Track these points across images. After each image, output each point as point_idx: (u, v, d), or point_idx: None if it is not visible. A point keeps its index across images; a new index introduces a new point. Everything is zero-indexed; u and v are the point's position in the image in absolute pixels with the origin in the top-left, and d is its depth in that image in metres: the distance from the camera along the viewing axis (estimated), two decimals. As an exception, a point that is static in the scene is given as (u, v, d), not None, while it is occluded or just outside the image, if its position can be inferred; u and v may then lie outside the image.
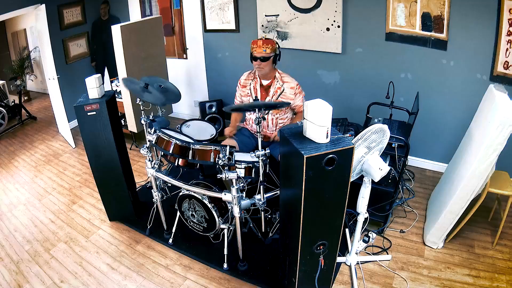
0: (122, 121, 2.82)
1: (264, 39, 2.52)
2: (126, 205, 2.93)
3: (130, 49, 3.55)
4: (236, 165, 2.23)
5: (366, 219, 2.21)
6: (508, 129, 1.96)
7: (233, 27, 4.02)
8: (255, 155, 2.12)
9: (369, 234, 2.49)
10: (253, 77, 2.75)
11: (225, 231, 2.50)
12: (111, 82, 4.51)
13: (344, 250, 2.56)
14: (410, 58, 3.16)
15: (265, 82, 2.71)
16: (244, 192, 2.30)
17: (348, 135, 2.04)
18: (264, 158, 2.16)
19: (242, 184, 2.24)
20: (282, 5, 3.58)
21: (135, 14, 4.75)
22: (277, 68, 2.71)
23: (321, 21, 3.42)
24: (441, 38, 2.94)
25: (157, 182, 2.60)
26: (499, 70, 2.77)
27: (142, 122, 2.59)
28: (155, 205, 2.73)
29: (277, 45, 2.58)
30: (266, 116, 2.74)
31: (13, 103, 5.42)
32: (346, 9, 3.27)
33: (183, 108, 4.99)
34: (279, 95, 2.67)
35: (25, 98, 6.35)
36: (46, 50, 4.07)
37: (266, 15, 3.72)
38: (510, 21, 2.59)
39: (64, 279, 2.44)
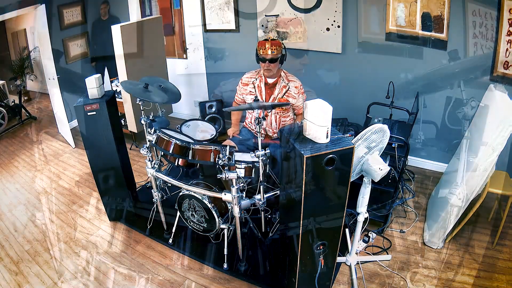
0: (122, 121, 2.82)
1: (271, 40, 2.51)
2: (126, 205, 2.93)
3: (130, 49, 3.54)
4: (236, 165, 2.23)
5: (366, 219, 2.21)
6: (508, 129, 1.96)
7: (233, 27, 4.01)
8: (255, 155, 2.12)
9: (369, 234, 2.49)
10: (257, 76, 2.75)
11: (225, 231, 2.50)
12: (111, 82, 4.51)
13: (344, 250, 2.55)
14: (410, 58, 3.16)
15: (270, 81, 2.71)
16: (244, 192, 2.30)
17: (348, 135, 2.04)
18: (264, 158, 2.16)
19: (242, 184, 2.24)
20: (282, 5, 3.58)
21: (135, 14, 4.74)
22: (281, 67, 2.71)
23: (321, 21, 3.42)
24: (441, 38, 2.94)
25: (157, 182, 2.60)
26: (499, 70, 2.77)
27: (142, 122, 2.59)
28: (155, 205, 2.73)
29: (283, 46, 2.58)
30: (268, 115, 2.75)
31: (13, 103, 5.41)
32: (346, 9, 3.27)
33: (183, 108, 4.99)
34: (285, 93, 2.68)
35: (25, 98, 6.34)
36: (46, 50, 4.07)
37: (266, 15, 3.72)
38: (510, 21, 2.59)
39: (64, 279, 2.44)
